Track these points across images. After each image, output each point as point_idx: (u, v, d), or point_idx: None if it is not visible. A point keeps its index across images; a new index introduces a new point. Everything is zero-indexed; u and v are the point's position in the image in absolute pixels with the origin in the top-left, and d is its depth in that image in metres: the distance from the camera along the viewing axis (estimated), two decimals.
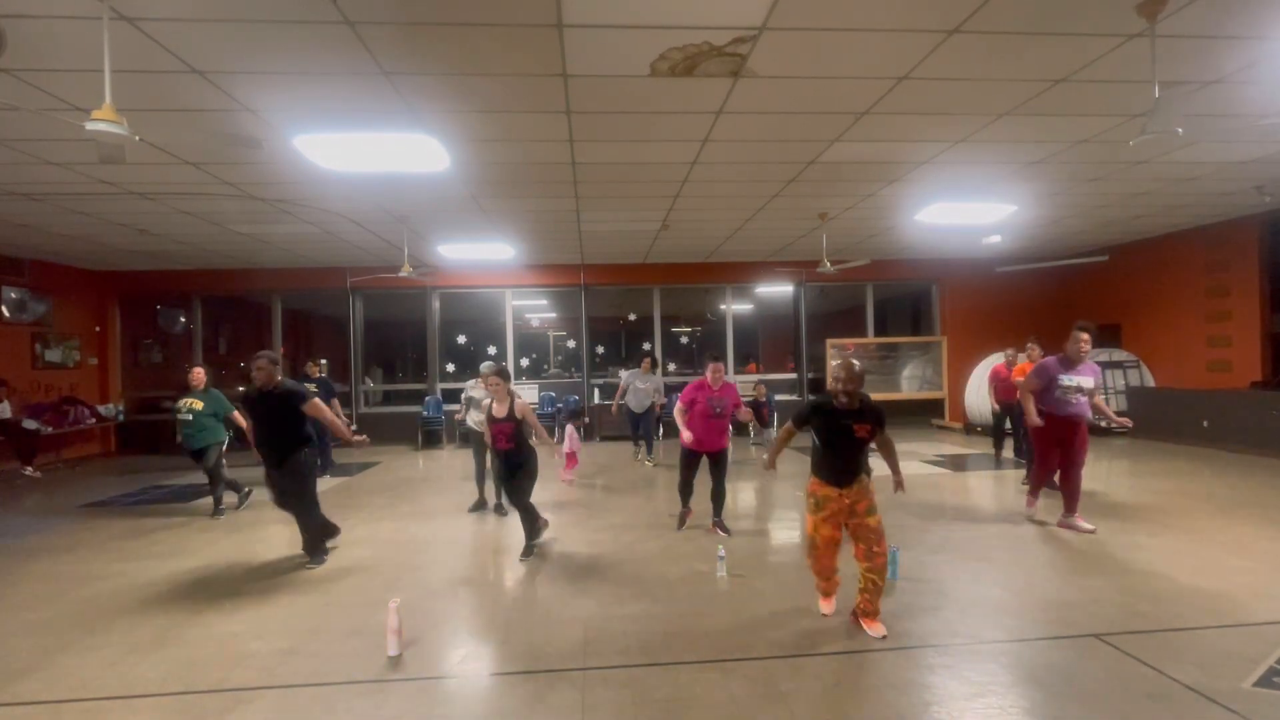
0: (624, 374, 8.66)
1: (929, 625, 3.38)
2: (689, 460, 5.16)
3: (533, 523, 4.70)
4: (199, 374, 6.27)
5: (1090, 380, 5.01)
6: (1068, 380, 4.98)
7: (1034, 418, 5.00)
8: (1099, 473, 7.43)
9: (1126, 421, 5.29)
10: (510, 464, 4.72)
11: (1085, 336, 4.99)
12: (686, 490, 5.24)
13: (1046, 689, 2.73)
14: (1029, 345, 6.87)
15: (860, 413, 3.25)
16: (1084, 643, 3.13)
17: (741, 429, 10.53)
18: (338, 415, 8.25)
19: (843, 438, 3.26)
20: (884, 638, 3.19)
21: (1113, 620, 3.36)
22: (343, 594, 4.03)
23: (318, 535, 4.69)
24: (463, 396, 6.37)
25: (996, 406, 7.72)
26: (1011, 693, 2.72)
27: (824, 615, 3.46)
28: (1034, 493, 5.38)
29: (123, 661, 3.17)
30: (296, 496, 4.63)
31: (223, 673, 3.03)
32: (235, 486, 6.36)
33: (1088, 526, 4.96)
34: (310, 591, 4.08)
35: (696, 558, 4.54)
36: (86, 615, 3.77)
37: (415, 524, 5.69)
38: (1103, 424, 5.43)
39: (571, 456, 7.51)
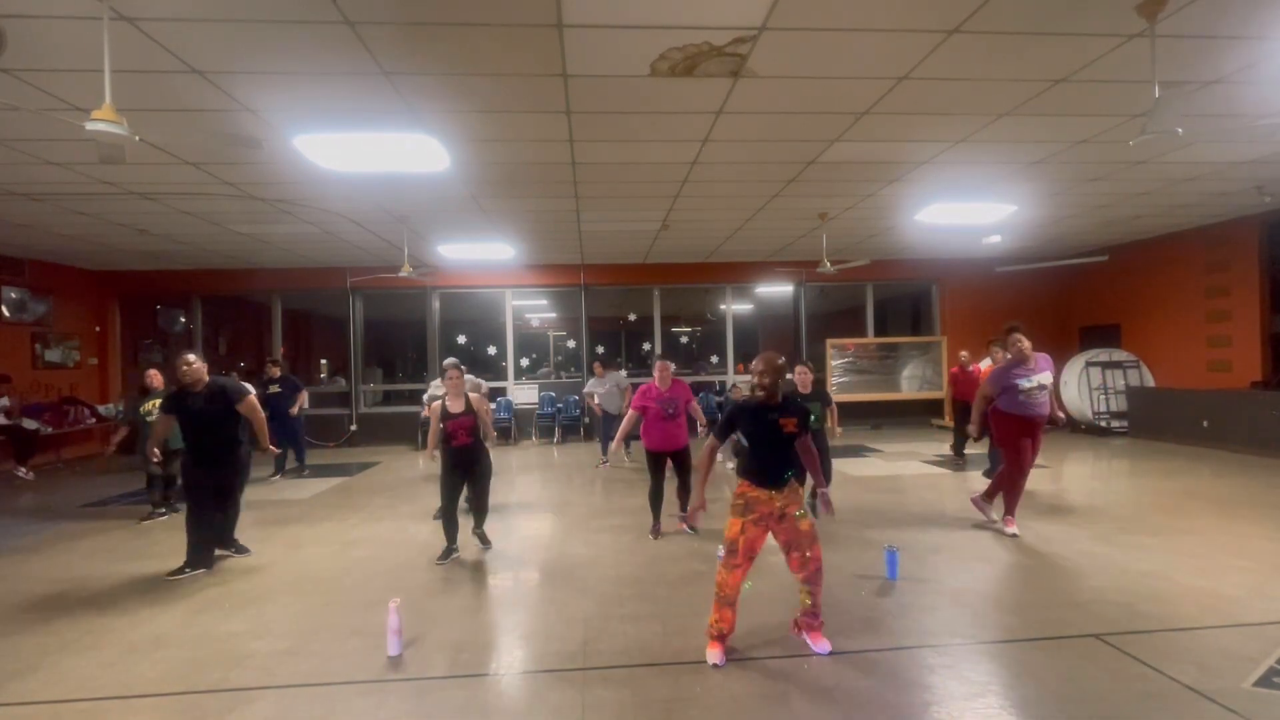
0: (588, 384, 8.54)
1: (929, 625, 3.38)
2: (654, 464, 5.19)
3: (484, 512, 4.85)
4: (156, 376, 6.16)
5: (1049, 375, 4.96)
6: (1027, 382, 4.88)
7: (976, 429, 4.94)
8: (1099, 472, 7.44)
9: (1062, 418, 5.25)
10: (468, 459, 4.65)
11: (1019, 335, 4.90)
12: (657, 499, 5.18)
13: (1046, 689, 2.73)
14: (993, 348, 6.73)
15: (784, 407, 3.09)
16: (1084, 643, 3.13)
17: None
18: (304, 410, 8.25)
19: (769, 433, 3.07)
20: (830, 654, 3.03)
21: (1113, 620, 3.36)
22: (343, 594, 4.03)
23: (233, 528, 4.82)
24: (428, 396, 6.07)
25: (953, 397, 7.87)
26: (1011, 693, 2.72)
27: (714, 666, 2.97)
28: (1010, 510, 5.04)
29: (122, 661, 3.17)
30: (235, 492, 4.73)
31: (223, 673, 3.03)
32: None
33: (1011, 529, 4.96)
34: (310, 591, 4.08)
35: (696, 558, 4.54)
36: (87, 615, 3.77)
37: (415, 524, 5.69)
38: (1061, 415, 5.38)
39: None
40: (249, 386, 4.77)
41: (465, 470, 4.67)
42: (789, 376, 4.98)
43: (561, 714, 2.63)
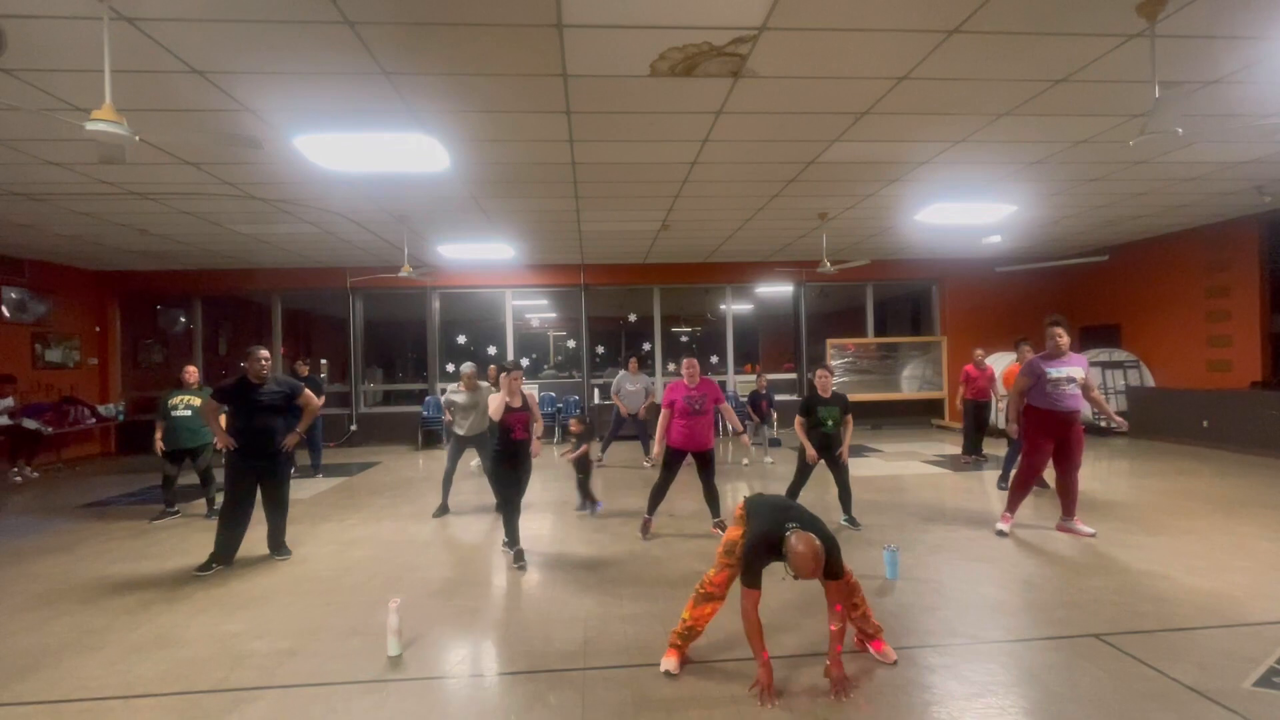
0: (617, 376, 8.52)
1: (929, 625, 3.38)
2: (672, 459, 5.09)
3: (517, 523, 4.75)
4: (194, 372, 6.28)
5: (1080, 370, 4.84)
6: (1056, 372, 4.81)
7: (1014, 425, 4.83)
8: (1099, 472, 7.43)
9: (1123, 423, 5.17)
10: (520, 454, 4.72)
11: (1058, 330, 4.84)
12: (658, 496, 5.13)
13: (1046, 689, 2.73)
14: (1021, 346, 6.73)
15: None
16: (1084, 643, 3.13)
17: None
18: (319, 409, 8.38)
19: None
20: (895, 663, 2.97)
21: (1113, 620, 3.36)
22: (343, 594, 4.03)
23: (284, 530, 4.84)
24: (445, 400, 6.02)
25: (959, 405, 7.86)
26: (1011, 693, 2.72)
27: (670, 674, 2.89)
28: (1011, 509, 5.02)
29: (123, 661, 3.17)
30: (284, 493, 4.81)
31: (223, 673, 3.03)
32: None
33: (1088, 530, 4.86)
34: (310, 591, 4.08)
35: (696, 558, 4.54)
36: (86, 615, 3.77)
37: (415, 524, 5.69)
38: (1102, 423, 5.30)
39: None
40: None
41: (515, 465, 4.72)
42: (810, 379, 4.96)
43: (561, 714, 2.63)
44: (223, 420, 4.68)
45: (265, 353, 4.63)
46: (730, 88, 4.21)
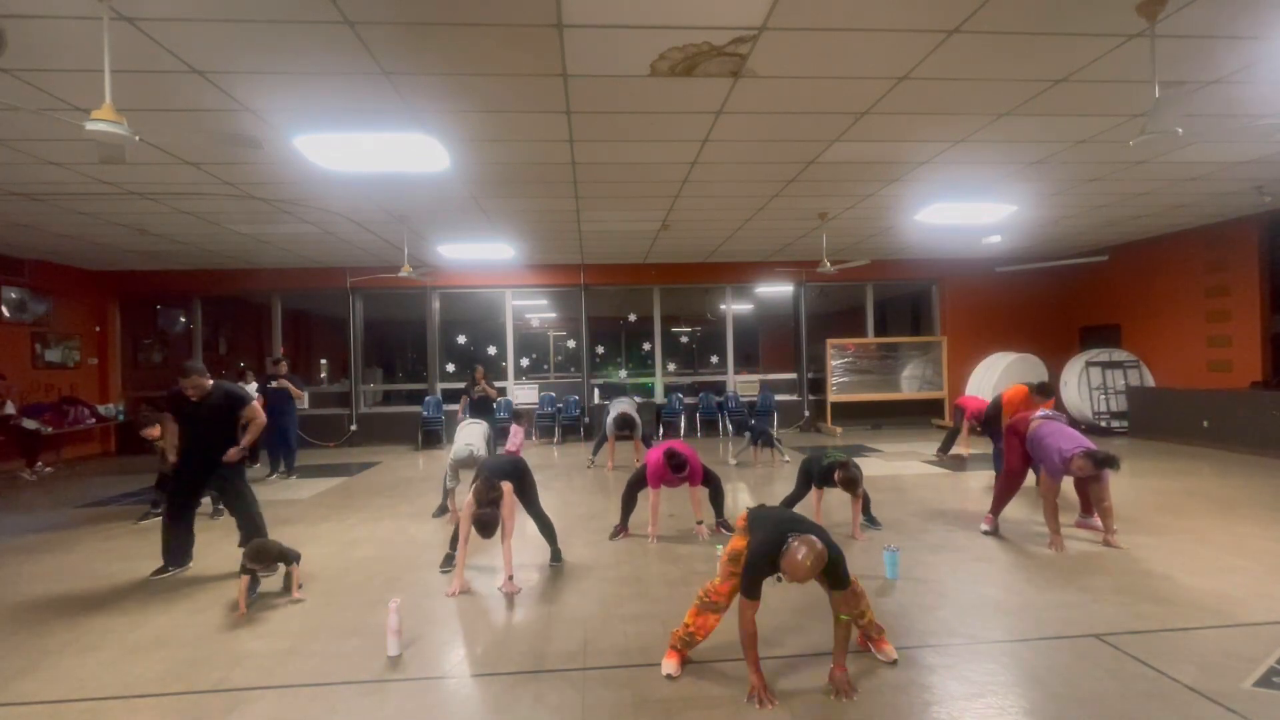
0: (607, 425, 8.20)
1: (929, 625, 3.38)
2: (643, 479, 5.00)
3: (551, 531, 4.59)
4: (154, 433, 5.78)
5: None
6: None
7: (1059, 538, 4.67)
8: None
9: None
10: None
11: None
12: (629, 503, 5.11)
13: (1046, 689, 2.73)
14: (1034, 396, 6.36)
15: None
16: (1084, 643, 3.13)
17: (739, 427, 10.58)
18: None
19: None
20: (895, 662, 2.97)
21: (1113, 620, 3.36)
22: (343, 594, 4.03)
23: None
24: (453, 463, 5.57)
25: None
26: (1011, 693, 2.72)
27: (668, 677, 2.87)
28: (995, 510, 5.02)
29: (123, 661, 3.17)
30: (245, 505, 4.48)
31: (223, 673, 3.03)
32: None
33: (984, 521, 5.02)
34: (310, 592, 4.08)
35: (696, 558, 4.54)
36: (87, 615, 3.77)
37: (415, 524, 5.69)
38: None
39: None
40: (251, 393, 4.82)
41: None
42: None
43: (561, 714, 2.63)
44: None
45: (184, 382, 4.30)
46: (730, 88, 4.21)
